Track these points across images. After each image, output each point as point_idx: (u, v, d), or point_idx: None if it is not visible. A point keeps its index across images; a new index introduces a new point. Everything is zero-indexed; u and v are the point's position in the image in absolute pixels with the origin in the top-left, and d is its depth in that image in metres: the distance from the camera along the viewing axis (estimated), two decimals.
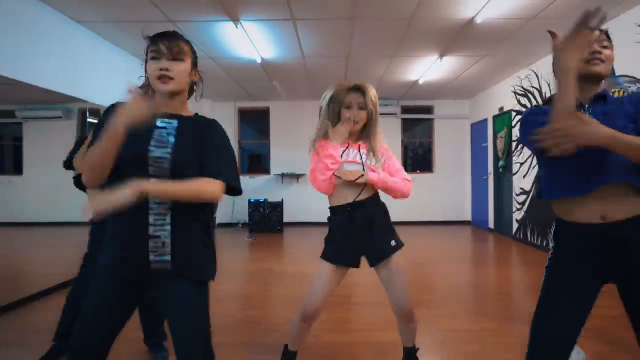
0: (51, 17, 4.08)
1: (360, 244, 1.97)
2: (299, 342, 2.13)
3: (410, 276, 2.19)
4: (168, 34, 1.40)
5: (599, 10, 1.18)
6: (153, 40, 1.39)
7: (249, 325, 3.12)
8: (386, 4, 4.02)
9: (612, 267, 1.35)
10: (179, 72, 1.38)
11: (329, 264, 1.94)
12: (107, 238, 1.40)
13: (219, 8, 4.08)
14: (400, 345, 2.19)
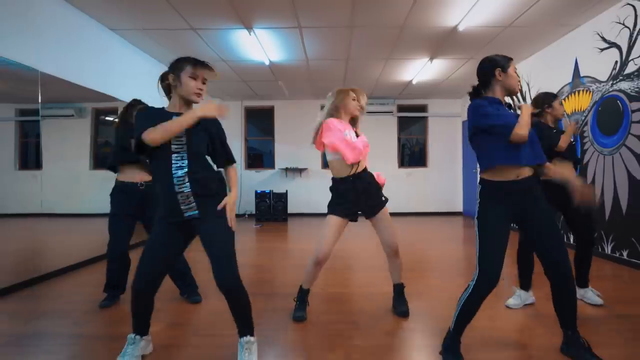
0: (89, 25, 4.70)
1: (359, 205, 2.66)
2: (311, 282, 2.78)
3: (408, 250, 2.82)
4: (205, 64, 2.01)
5: None
6: (194, 64, 1.99)
7: (263, 283, 3.75)
8: (380, 13, 4.64)
9: (519, 209, 2.06)
10: (204, 91, 2.02)
11: (334, 216, 2.60)
12: (156, 197, 2.03)
13: (235, 17, 4.71)
14: (389, 294, 2.84)
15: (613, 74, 4.44)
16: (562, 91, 5.43)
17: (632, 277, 3.80)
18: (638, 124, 4.07)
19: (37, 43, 3.94)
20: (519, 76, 2.13)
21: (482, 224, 2.07)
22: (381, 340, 2.41)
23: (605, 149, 4.55)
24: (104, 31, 4.97)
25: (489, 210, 2.07)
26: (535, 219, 2.06)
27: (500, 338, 2.42)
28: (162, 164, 1.95)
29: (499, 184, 2.06)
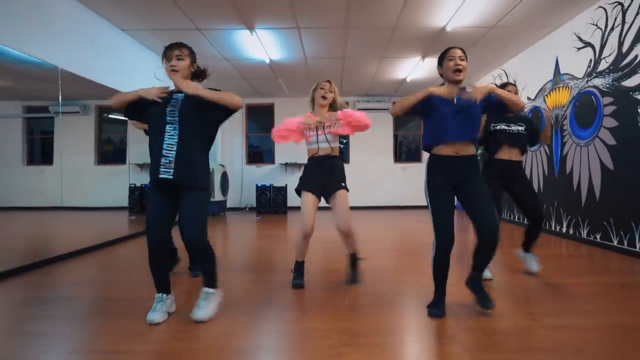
0: (102, 25, 5.06)
1: (322, 181, 3.05)
2: (303, 254, 3.15)
3: (401, 236, 3.16)
4: (174, 44, 2.41)
5: None
6: (164, 51, 2.43)
7: (263, 261, 4.11)
8: (373, 15, 4.99)
9: (455, 178, 2.45)
10: (181, 67, 2.38)
11: (306, 192, 2.98)
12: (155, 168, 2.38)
13: (238, 18, 5.06)
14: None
15: (588, 71, 4.80)
16: (544, 87, 5.79)
17: (604, 256, 4.14)
18: (609, 117, 4.42)
19: (56, 42, 4.28)
20: (456, 59, 2.46)
21: (432, 193, 2.48)
22: (371, 299, 2.76)
23: (581, 140, 4.91)
24: (115, 31, 5.33)
25: (436, 181, 2.49)
26: (469, 187, 2.44)
27: None
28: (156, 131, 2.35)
29: (441, 158, 2.48)
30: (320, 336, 2.18)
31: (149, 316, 2.34)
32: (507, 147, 3.32)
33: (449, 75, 2.48)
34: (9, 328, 2.36)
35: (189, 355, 1.96)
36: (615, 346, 2.02)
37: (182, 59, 2.38)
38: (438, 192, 2.46)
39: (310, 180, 3.05)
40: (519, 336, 2.16)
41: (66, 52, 4.43)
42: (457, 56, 2.46)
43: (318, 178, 3.04)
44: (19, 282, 3.34)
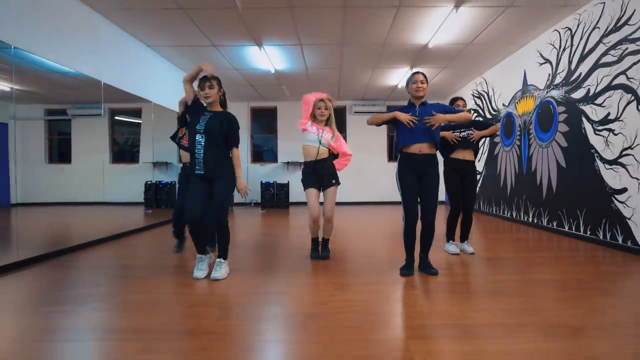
0: (130, 42, 5.89)
1: (318, 180, 3.88)
2: (315, 233, 4.00)
3: (390, 226, 3.98)
4: (206, 77, 3.23)
5: None
6: (200, 80, 3.25)
7: (270, 242, 4.95)
8: (365, 33, 5.82)
9: (419, 171, 3.26)
10: (212, 94, 3.21)
11: (309, 188, 3.83)
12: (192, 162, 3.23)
13: (249, 37, 5.89)
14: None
15: (547, 84, 5.64)
16: (516, 96, 6.63)
17: (556, 239, 4.98)
18: (562, 123, 5.26)
19: (99, 58, 5.11)
20: (418, 83, 3.31)
21: (402, 180, 3.31)
22: (359, 267, 3.61)
23: (543, 142, 5.75)
24: (143, 47, 6.16)
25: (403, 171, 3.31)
26: (425, 179, 3.28)
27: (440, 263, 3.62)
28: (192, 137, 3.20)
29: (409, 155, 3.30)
30: (318, 285, 3.03)
31: (195, 274, 3.21)
32: (460, 148, 4.14)
33: (413, 94, 3.32)
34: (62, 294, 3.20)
35: (212, 297, 2.81)
36: (531, 290, 2.86)
37: (212, 88, 3.21)
38: (405, 180, 3.29)
39: (310, 179, 3.87)
40: (469, 284, 3.01)
41: (107, 67, 5.27)
42: (419, 80, 3.30)
43: (315, 178, 3.87)
44: (60, 261, 4.18)
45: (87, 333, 2.16)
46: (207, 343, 1.99)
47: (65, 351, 1.94)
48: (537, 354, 1.83)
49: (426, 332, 2.12)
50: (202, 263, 3.27)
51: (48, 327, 2.22)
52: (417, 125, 3.24)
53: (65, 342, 2.04)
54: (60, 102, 6.08)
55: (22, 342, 2.03)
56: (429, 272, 3.32)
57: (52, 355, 1.90)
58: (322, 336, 2.07)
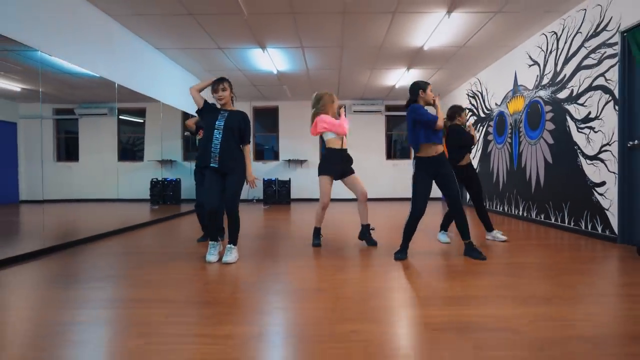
0: (142, 45, 6.22)
1: (341, 168, 4.23)
2: (320, 222, 4.34)
3: (388, 220, 4.34)
4: (218, 80, 3.56)
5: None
6: (214, 82, 3.57)
7: (274, 234, 5.28)
8: (363, 37, 6.15)
9: (435, 173, 3.58)
10: (225, 96, 3.54)
11: (325, 175, 4.14)
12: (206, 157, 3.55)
13: (253, 40, 6.22)
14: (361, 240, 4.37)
15: (536, 84, 5.97)
16: (507, 95, 6.96)
17: (543, 230, 5.31)
18: (549, 121, 5.58)
19: (114, 60, 5.44)
20: (433, 93, 3.65)
21: (417, 181, 3.62)
22: (357, 253, 3.93)
23: (531, 140, 6.08)
24: (152, 50, 6.49)
25: (421, 173, 3.62)
26: (443, 177, 3.60)
27: (432, 250, 3.95)
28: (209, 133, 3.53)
29: (426, 159, 3.61)
30: (319, 267, 3.36)
31: (207, 258, 3.54)
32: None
33: (429, 99, 3.68)
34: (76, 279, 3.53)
35: (225, 277, 3.14)
36: (514, 271, 3.18)
37: (225, 90, 3.54)
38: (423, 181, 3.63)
39: (331, 167, 4.22)
40: (458, 266, 3.34)
41: (120, 69, 5.59)
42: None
43: (339, 166, 4.24)
44: (69, 253, 4.51)
45: (117, 302, 2.48)
46: (226, 309, 2.32)
47: (101, 317, 2.27)
48: (511, 317, 2.16)
49: (416, 302, 2.45)
50: (214, 249, 3.60)
51: (84, 299, 2.55)
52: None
53: (100, 309, 2.36)
54: (69, 102, 6.38)
55: (64, 310, 2.35)
56: (476, 256, 3.62)
57: (91, 319, 2.22)
58: (326, 304, 2.40)
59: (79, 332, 2.01)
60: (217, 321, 2.14)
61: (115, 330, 2.05)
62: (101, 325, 2.13)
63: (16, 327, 2.11)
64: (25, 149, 5.62)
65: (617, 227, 4.29)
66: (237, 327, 2.05)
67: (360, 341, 1.87)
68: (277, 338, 1.96)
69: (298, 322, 2.16)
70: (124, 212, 6.98)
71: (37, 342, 1.90)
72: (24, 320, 2.20)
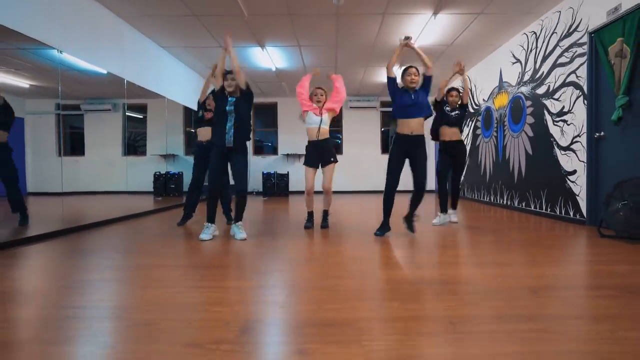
0: (148, 44, 6.61)
1: (318, 158, 4.60)
2: (310, 206, 4.73)
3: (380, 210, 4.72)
4: (229, 71, 3.97)
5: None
6: (225, 73, 3.97)
7: (271, 219, 5.68)
8: (356, 36, 6.53)
9: (409, 151, 3.99)
10: (234, 84, 3.94)
11: (307, 166, 4.55)
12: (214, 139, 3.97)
13: (253, 39, 6.60)
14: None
15: (518, 81, 6.37)
16: (493, 92, 7.36)
17: (520, 217, 5.71)
18: (529, 115, 5.98)
19: (123, 58, 5.83)
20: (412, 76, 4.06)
21: (391, 155, 4.03)
22: (352, 230, 4.34)
23: (514, 133, 6.48)
24: (157, 48, 6.88)
25: (394, 148, 4.03)
26: (416, 157, 3.99)
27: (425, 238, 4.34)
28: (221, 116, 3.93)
29: (401, 136, 4.01)
30: (313, 243, 3.76)
31: (201, 236, 3.93)
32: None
33: (408, 85, 4.06)
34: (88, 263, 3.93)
35: (227, 248, 3.55)
36: (483, 245, 3.59)
37: (234, 80, 3.93)
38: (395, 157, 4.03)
39: (310, 158, 4.60)
40: (438, 239, 3.74)
41: (129, 66, 5.98)
42: (413, 73, 4.08)
43: (316, 156, 4.60)
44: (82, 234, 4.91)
45: (134, 267, 2.88)
46: (229, 271, 2.73)
47: (123, 277, 2.66)
48: (470, 275, 2.57)
49: (393, 265, 2.85)
50: (209, 229, 3.99)
51: (106, 265, 2.95)
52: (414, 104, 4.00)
53: (121, 271, 2.76)
54: (75, 98, 6.66)
55: (90, 273, 2.75)
56: (411, 229, 4.06)
57: (115, 277, 2.62)
58: (315, 268, 2.81)
59: (106, 287, 2.42)
60: (221, 277, 2.55)
61: (138, 284, 2.45)
62: (124, 281, 2.53)
63: (53, 282, 2.52)
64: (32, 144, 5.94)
65: (585, 210, 4.70)
66: (239, 282, 2.45)
67: (341, 290, 2.27)
68: (273, 288, 2.36)
69: (291, 279, 2.57)
70: (128, 202, 7.28)
71: (74, 293, 2.31)
72: (59, 278, 2.61)
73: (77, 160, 6.82)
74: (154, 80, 6.75)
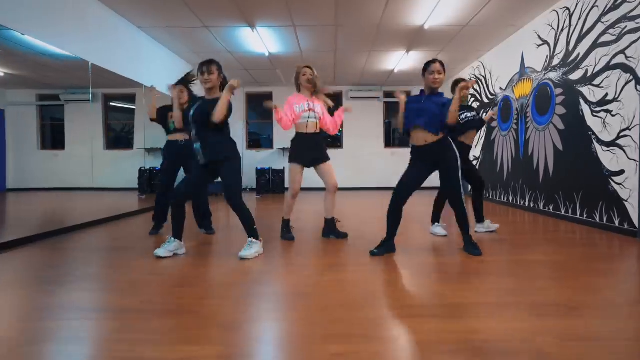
0: (121, 22, 5.76)
1: (312, 155, 3.79)
2: (289, 213, 3.95)
3: (383, 210, 3.92)
4: (205, 62, 3.14)
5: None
6: (199, 66, 3.15)
7: (264, 224, 4.89)
8: (359, 14, 5.69)
9: (431, 162, 3.18)
10: (212, 79, 3.12)
11: (295, 164, 3.74)
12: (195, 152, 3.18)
13: (241, 17, 5.76)
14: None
15: (545, 66, 5.54)
16: (513, 79, 6.53)
17: (551, 222, 4.92)
18: (560, 105, 5.17)
19: (87, 38, 4.99)
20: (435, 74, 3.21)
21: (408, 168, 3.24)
22: (346, 248, 3.55)
23: (540, 126, 5.66)
24: (132, 28, 6.03)
25: (412, 159, 3.25)
26: (442, 168, 3.20)
27: (423, 246, 3.56)
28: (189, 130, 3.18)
29: (415, 147, 3.25)
30: (309, 266, 2.97)
31: (156, 251, 3.18)
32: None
33: (430, 85, 3.23)
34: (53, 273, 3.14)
35: (196, 279, 2.75)
36: (521, 271, 2.80)
37: (212, 74, 3.12)
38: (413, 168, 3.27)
39: (301, 154, 3.78)
40: (457, 265, 2.95)
41: (95, 48, 5.14)
42: (436, 70, 3.20)
43: (309, 152, 3.78)
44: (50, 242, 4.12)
45: (62, 312, 2.09)
46: (190, 321, 1.93)
47: (42, 329, 1.87)
48: (526, 331, 1.77)
49: (412, 311, 2.05)
50: (170, 245, 3.22)
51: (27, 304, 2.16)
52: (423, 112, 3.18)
53: (42, 321, 1.97)
54: (53, 87, 5.98)
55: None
56: (472, 252, 3.23)
57: (29, 332, 1.83)
58: (308, 314, 2.01)
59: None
60: (175, 339, 1.75)
61: (50, 350, 1.65)
62: (36, 342, 1.73)
63: None
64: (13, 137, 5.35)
65: (637, 219, 3.90)
66: (197, 348, 1.65)
67: None
68: None
69: (273, 340, 1.77)
70: (106, 202, 6.62)
71: None
72: None
73: (56, 154, 6.22)
74: (128, 64, 5.92)
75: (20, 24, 3.96)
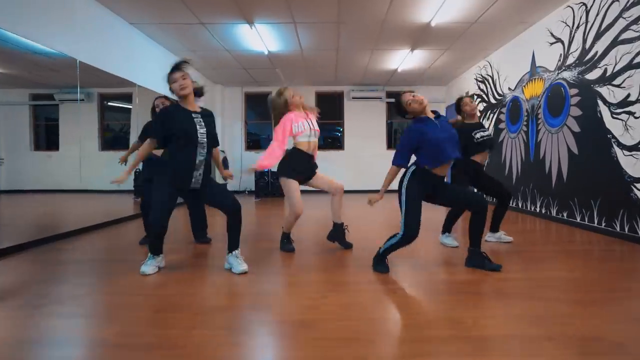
0: (113, 19, 5.47)
1: (307, 173, 3.58)
2: (290, 228, 3.67)
3: (385, 215, 3.64)
4: (175, 66, 2.84)
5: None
6: (169, 73, 2.86)
7: (258, 231, 4.61)
8: (362, 11, 5.41)
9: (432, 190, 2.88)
10: (188, 84, 2.85)
11: (292, 180, 3.47)
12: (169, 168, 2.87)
13: (238, 14, 5.48)
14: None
15: (558, 65, 5.25)
16: (523, 79, 6.24)
17: (566, 230, 4.64)
18: (575, 106, 4.89)
19: (75, 36, 4.71)
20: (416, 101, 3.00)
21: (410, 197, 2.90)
22: (350, 261, 3.27)
23: (552, 128, 5.38)
24: (125, 25, 5.74)
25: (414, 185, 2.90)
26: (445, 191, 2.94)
27: (433, 259, 3.28)
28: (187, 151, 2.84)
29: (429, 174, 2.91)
30: (310, 284, 2.69)
31: (142, 268, 2.92)
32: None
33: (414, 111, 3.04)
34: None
35: (185, 301, 2.47)
36: (545, 292, 2.52)
37: (186, 78, 2.84)
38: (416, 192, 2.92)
39: (297, 170, 3.52)
40: (472, 284, 2.67)
41: (84, 45, 4.86)
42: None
43: (305, 171, 3.57)
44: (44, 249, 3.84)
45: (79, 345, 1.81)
46: (172, 356, 1.65)
47: None
48: None
49: (429, 349, 1.77)
50: (154, 260, 2.98)
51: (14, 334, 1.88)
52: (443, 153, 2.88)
53: None
54: (47, 87, 5.75)
55: None
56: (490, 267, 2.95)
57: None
58: (307, 352, 1.73)
59: None
60: None
61: None
62: None
63: None
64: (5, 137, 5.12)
65: None
66: None
67: None
68: None
69: None
70: (98, 206, 6.37)
71: None
72: None
73: (50, 155, 5.98)
74: (120, 63, 5.64)
75: (7, 23, 3.72)
